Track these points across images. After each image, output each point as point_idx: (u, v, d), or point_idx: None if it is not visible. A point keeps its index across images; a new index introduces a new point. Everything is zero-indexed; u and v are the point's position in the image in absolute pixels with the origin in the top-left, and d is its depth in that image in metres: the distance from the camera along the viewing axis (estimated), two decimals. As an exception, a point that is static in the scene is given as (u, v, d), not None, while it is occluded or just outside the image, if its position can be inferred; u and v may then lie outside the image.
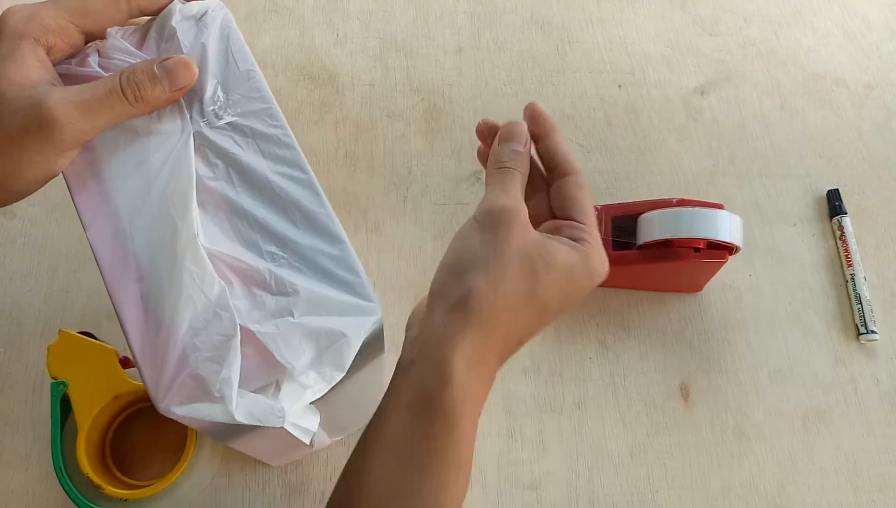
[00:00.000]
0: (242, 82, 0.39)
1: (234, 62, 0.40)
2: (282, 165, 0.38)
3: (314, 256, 0.36)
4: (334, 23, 0.71)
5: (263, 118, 0.39)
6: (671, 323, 0.60)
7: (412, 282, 0.59)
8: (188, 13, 0.41)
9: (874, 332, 0.59)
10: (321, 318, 0.34)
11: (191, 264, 0.34)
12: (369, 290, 0.35)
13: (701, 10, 0.74)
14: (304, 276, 0.35)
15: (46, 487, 0.51)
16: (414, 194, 0.63)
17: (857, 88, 0.71)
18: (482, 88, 0.68)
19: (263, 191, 0.37)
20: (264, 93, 0.39)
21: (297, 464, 0.53)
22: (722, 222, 0.53)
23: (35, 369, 0.54)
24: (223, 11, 0.41)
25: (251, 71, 0.40)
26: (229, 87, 0.39)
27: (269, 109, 0.39)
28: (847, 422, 0.57)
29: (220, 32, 0.40)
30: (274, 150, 0.38)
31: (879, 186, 0.66)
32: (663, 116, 0.68)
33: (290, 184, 0.37)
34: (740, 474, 0.55)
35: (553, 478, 0.54)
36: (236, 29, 0.41)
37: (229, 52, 0.40)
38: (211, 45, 0.39)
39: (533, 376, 0.57)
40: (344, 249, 0.36)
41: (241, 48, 0.40)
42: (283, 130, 0.38)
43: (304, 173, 0.37)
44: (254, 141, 0.38)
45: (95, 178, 0.37)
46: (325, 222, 0.36)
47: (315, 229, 0.36)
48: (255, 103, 0.39)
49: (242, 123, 0.38)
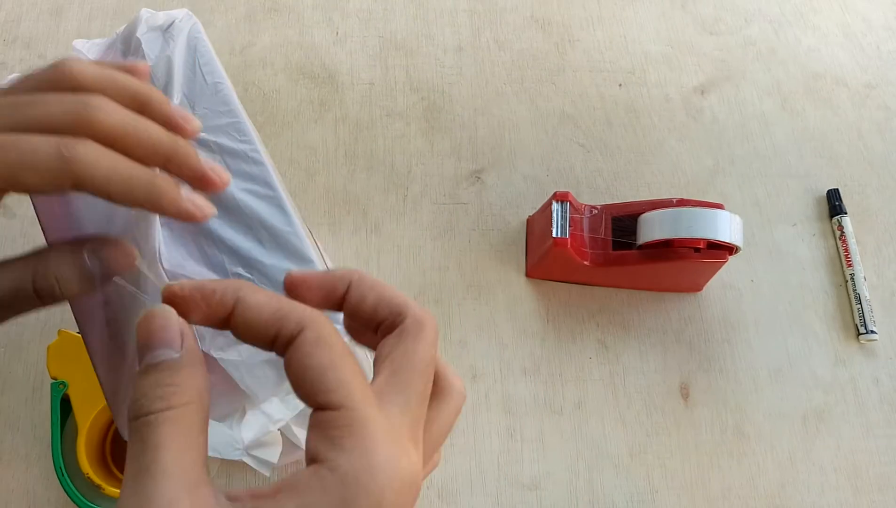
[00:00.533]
0: (209, 96, 0.38)
1: (201, 74, 0.38)
2: (249, 182, 0.36)
3: (280, 276, 0.35)
4: (334, 21, 0.70)
5: (231, 133, 0.37)
6: (671, 323, 0.60)
7: (412, 282, 0.59)
8: (154, 24, 0.39)
9: (874, 332, 0.59)
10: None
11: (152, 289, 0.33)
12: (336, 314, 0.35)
13: (701, 9, 0.74)
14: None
15: (46, 487, 0.51)
16: (414, 194, 0.63)
17: (858, 87, 0.71)
18: (482, 87, 0.68)
19: (230, 210, 0.36)
20: (232, 106, 0.38)
21: (297, 464, 0.53)
22: (722, 222, 0.53)
23: (35, 369, 0.54)
24: (191, 21, 0.40)
25: (219, 84, 0.38)
26: (196, 100, 0.38)
27: (237, 124, 0.37)
28: (847, 422, 0.57)
29: (187, 44, 0.39)
30: (241, 166, 0.36)
31: (879, 186, 0.66)
32: (663, 116, 0.68)
33: (258, 202, 0.36)
34: (740, 474, 0.55)
35: (553, 478, 0.54)
36: (205, 40, 0.40)
37: (196, 64, 0.38)
38: (177, 57, 0.38)
39: (533, 376, 0.57)
40: (312, 268, 0.35)
41: (209, 60, 0.39)
42: (250, 145, 0.37)
43: (271, 191, 0.36)
44: (220, 157, 0.37)
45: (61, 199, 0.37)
46: (292, 242, 0.35)
47: (283, 249, 0.35)
48: (222, 118, 0.37)
49: (209, 139, 0.37)
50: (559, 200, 0.56)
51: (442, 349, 0.57)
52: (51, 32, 0.67)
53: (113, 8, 0.69)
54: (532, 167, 0.65)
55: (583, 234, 0.56)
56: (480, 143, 0.65)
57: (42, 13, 0.68)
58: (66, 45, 0.66)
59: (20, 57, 0.66)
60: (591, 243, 0.56)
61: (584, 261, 0.56)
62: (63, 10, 0.68)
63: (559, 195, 0.56)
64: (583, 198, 0.61)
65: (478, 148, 0.65)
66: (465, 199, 0.63)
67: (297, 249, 0.35)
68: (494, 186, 0.64)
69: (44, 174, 0.26)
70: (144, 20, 0.39)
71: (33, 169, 0.26)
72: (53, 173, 0.26)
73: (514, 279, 0.60)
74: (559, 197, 0.56)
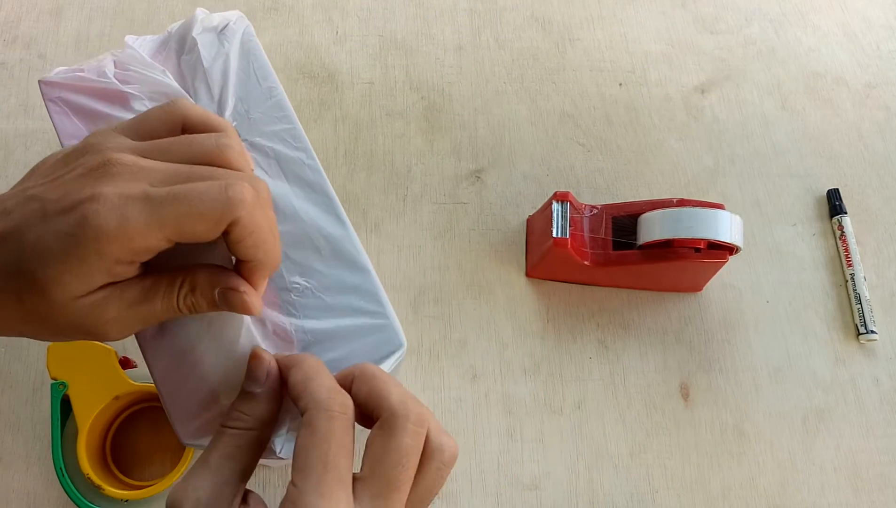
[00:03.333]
0: (264, 100, 0.38)
1: (255, 78, 0.38)
2: (307, 189, 0.36)
3: (338, 286, 0.35)
4: (333, 21, 0.70)
5: (286, 139, 0.37)
6: (671, 323, 0.60)
7: (412, 282, 0.59)
8: (209, 24, 0.39)
9: (874, 332, 0.59)
10: (342, 354, 0.33)
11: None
12: (394, 321, 0.34)
13: (702, 8, 0.74)
14: (329, 307, 0.34)
15: (47, 487, 0.51)
16: (414, 193, 0.63)
17: (858, 87, 0.71)
18: (482, 87, 0.68)
19: (287, 217, 0.36)
20: (287, 112, 0.38)
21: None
22: (722, 222, 0.52)
23: (35, 369, 0.54)
24: (244, 24, 0.40)
25: (273, 88, 0.38)
26: (251, 104, 0.38)
27: (293, 130, 0.37)
28: (847, 422, 0.57)
29: (241, 46, 0.39)
30: (298, 173, 0.36)
31: (879, 185, 0.66)
32: (664, 115, 0.68)
33: (315, 209, 0.36)
34: (740, 474, 0.55)
35: (553, 478, 0.54)
36: (258, 43, 0.40)
37: (251, 68, 0.38)
38: (232, 60, 0.38)
39: (533, 376, 0.57)
40: (369, 278, 0.35)
41: (262, 64, 0.39)
42: (306, 152, 0.37)
43: (328, 198, 0.36)
44: (277, 163, 0.37)
45: None
46: (348, 250, 0.35)
47: (339, 257, 0.35)
48: (277, 123, 0.38)
49: (265, 144, 0.37)
50: (559, 200, 0.56)
51: (442, 348, 0.57)
52: (51, 32, 0.67)
53: (113, 8, 0.69)
54: (532, 167, 0.65)
55: (583, 234, 0.56)
56: (480, 142, 0.65)
57: (42, 13, 0.68)
58: (67, 45, 0.66)
59: (20, 57, 0.66)
60: (591, 243, 0.56)
61: (584, 261, 0.56)
62: (63, 10, 0.68)
63: (559, 195, 0.56)
64: (583, 198, 0.61)
65: (478, 148, 0.65)
66: (465, 199, 0.63)
67: (353, 257, 0.35)
68: (494, 185, 0.64)
69: (209, 221, 0.29)
70: (200, 21, 0.39)
71: (201, 217, 0.29)
72: (218, 215, 0.29)
73: (514, 279, 0.60)
74: (559, 197, 0.56)
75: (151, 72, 0.38)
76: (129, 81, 0.38)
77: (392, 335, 0.34)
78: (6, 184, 0.61)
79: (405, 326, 0.58)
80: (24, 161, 0.62)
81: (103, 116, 0.38)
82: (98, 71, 0.38)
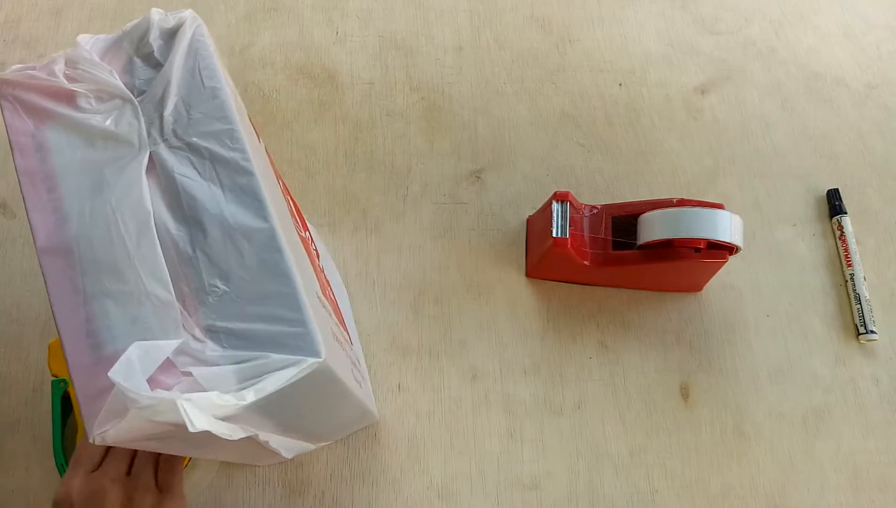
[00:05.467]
0: (207, 100, 0.38)
1: (199, 78, 0.38)
2: (237, 192, 0.36)
3: (258, 291, 0.34)
4: (334, 21, 0.70)
5: (224, 140, 0.37)
6: (671, 323, 0.60)
7: (412, 281, 0.59)
8: (165, 26, 0.39)
9: (874, 332, 0.59)
10: (255, 360, 0.33)
11: (158, 289, 0.33)
12: (312, 330, 0.34)
13: (702, 8, 0.74)
14: (246, 313, 0.34)
15: (46, 487, 0.51)
16: (414, 193, 0.63)
17: (858, 87, 0.71)
18: (482, 87, 0.68)
19: (213, 220, 0.36)
20: (228, 113, 0.38)
21: (297, 464, 0.53)
22: (722, 222, 0.52)
23: (35, 369, 0.54)
24: (197, 23, 0.40)
25: (217, 88, 0.38)
26: (192, 104, 0.38)
27: (231, 131, 0.37)
28: (847, 422, 0.57)
29: (189, 46, 0.39)
30: (231, 175, 0.36)
31: (879, 186, 0.66)
32: (664, 115, 0.68)
33: (243, 213, 0.36)
34: (740, 474, 0.55)
35: (553, 478, 0.54)
36: (207, 43, 0.39)
37: (196, 68, 0.38)
38: (178, 59, 0.38)
39: (533, 376, 0.57)
40: (291, 285, 0.35)
41: (209, 63, 0.39)
42: (242, 153, 0.37)
43: (258, 201, 0.36)
44: (211, 164, 0.37)
45: (51, 193, 0.36)
46: (274, 258, 0.35)
47: (263, 264, 0.35)
48: (217, 123, 0.37)
49: (201, 144, 0.37)
50: (559, 200, 0.56)
51: (442, 349, 0.57)
52: (51, 32, 0.67)
53: (113, 8, 0.69)
54: (532, 167, 0.65)
55: (583, 234, 0.56)
56: (480, 143, 0.65)
57: (42, 13, 0.68)
58: (67, 45, 0.66)
59: (20, 57, 0.66)
60: (591, 242, 0.56)
61: (584, 261, 0.56)
62: (63, 11, 0.68)
63: (559, 195, 0.56)
64: (583, 198, 0.61)
65: (478, 148, 0.65)
66: (465, 199, 0.63)
67: (276, 262, 0.35)
68: (494, 186, 0.64)
69: None
70: (156, 23, 0.39)
71: None
72: None
73: (514, 279, 0.60)
74: (559, 197, 0.56)
75: (99, 71, 0.38)
76: (76, 80, 0.38)
77: (308, 343, 0.34)
78: (6, 184, 0.61)
79: (405, 326, 0.59)
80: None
81: (51, 114, 0.38)
82: (48, 70, 0.39)
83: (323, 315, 0.39)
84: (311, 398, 0.37)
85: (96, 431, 0.31)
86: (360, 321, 0.58)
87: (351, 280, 0.59)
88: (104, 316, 0.34)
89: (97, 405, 0.32)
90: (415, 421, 0.55)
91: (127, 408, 0.30)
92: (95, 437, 0.32)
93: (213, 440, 0.36)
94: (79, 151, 0.37)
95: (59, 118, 0.38)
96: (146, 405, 0.30)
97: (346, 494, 0.53)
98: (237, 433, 0.34)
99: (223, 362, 0.33)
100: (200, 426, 0.31)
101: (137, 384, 0.31)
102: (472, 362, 0.57)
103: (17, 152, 0.38)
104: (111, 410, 0.31)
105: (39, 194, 0.37)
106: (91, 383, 0.33)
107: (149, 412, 0.30)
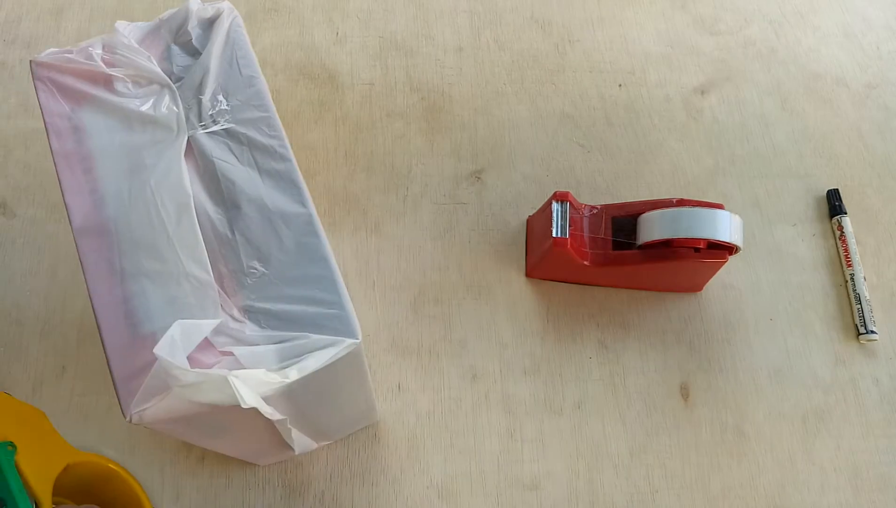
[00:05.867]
0: (244, 88, 0.39)
1: (237, 67, 0.39)
2: (276, 177, 0.37)
3: (296, 273, 0.35)
4: (334, 22, 0.70)
5: (261, 127, 0.38)
6: (671, 323, 0.60)
7: (412, 281, 0.59)
8: (203, 16, 0.40)
9: (874, 332, 0.59)
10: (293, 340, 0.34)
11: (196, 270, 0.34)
12: (349, 313, 0.35)
13: (701, 9, 0.74)
14: (284, 294, 0.35)
15: (46, 487, 0.51)
16: (414, 194, 0.63)
17: (858, 87, 0.71)
18: (482, 88, 0.68)
19: (252, 204, 0.36)
20: (265, 101, 0.39)
21: (297, 464, 0.53)
22: (722, 222, 0.52)
23: (35, 369, 0.54)
24: (233, 14, 0.41)
25: (254, 77, 0.39)
26: (230, 91, 0.39)
27: (268, 119, 0.38)
28: (847, 422, 0.57)
29: (226, 36, 0.40)
30: (268, 162, 0.37)
31: (879, 186, 0.66)
32: (663, 116, 0.68)
33: (281, 198, 0.36)
34: (740, 474, 0.55)
35: (553, 478, 0.54)
36: (244, 33, 0.41)
37: (234, 57, 0.40)
38: (216, 48, 0.39)
39: (533, 376, 0.57)
40: (329, 269, 0.35)
41: (245, 53, 0.40)
42: (279, 140, 0.38)
43: (296, 188, 0.37)
44: (249, 150, 0.37)
45: (87, 174, 0.37)
46: (313, 242, 0.36)
47: (300, 247, 0.36)
48: (254, 111, 0.38)
49: (239, 131, 0.38)
50: (559, 200, 0.56)
51: (442, 349, 0.57)
52: (51, 32, 0.67)
53: (113, 8, 0.69)
54: (532, 167, 0.65)
55: (583, 234, 0.56)
56: (480, 143, 0.66)
57: (42, 13, 0.68)
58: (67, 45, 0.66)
59: (20, 57, 0.66)
60: (591, 243, 0.56)
61: (584, 261, 0.56)
62: (63, 11, 0.68)
63: (559, 195, 0.56)
64: (583, 198, 0.61)
65: (478, 148, 0.65)
66: (465, 199, 0.63)
67: (315, 247, 0.36)
68: (494, 186, 0.64)
69: None
70: (195, 12, 0.40)
71: None
72: None
73: (514, 279, 0.60)
74: (559, 197, 0.56)
75: (137, 57, 0.39)
76: (114, 65, 0.39)
77: (346, 325, 0.34)
78: (6, 184, 0.61)
79: (405, 326, 0.59)
80: (24, 161, 0.62)
81: (87, 97, 0.39)
82: (86, 54, 0.39)
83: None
84: (335, 382, 0.38)
85: (134, 409, 0.32)
86: (360, 320, 0.57)
87: (351, 280, 0.59)
88: (141, 296, 0.34)
89: (134, 385, 0.32)
90: (415, 421, 0.55)
91: (169, 386, 0.31)
92: (133, 416, 0.32)
93: (237, 425, 0.37)
94: (116, 134, 0.38)
95: (95, 101, 0.39)
96: (190, 382, 0.30)
97: (346, 494, 0.53)
98: (276, 415, 0.34)
99: (262, 342, 0.34)
100: (251, 402, 0.31)
101: (181, 362, 0.31)
102: (472, 362, 0.57)
103: (52, 134, 0.38)
104: (151, 388, 0.31)
105: (76, 175, 0.37)
106: (128, 362, 0.33)
107: (191, 391, 0.31)
